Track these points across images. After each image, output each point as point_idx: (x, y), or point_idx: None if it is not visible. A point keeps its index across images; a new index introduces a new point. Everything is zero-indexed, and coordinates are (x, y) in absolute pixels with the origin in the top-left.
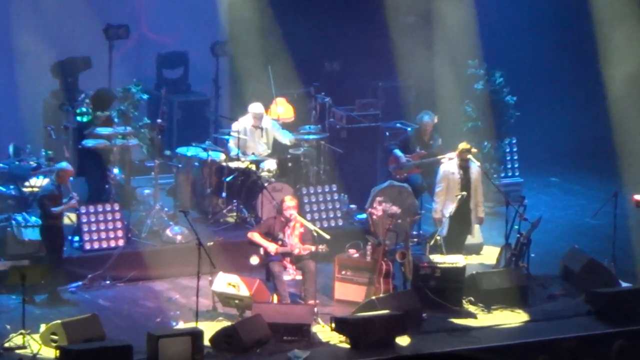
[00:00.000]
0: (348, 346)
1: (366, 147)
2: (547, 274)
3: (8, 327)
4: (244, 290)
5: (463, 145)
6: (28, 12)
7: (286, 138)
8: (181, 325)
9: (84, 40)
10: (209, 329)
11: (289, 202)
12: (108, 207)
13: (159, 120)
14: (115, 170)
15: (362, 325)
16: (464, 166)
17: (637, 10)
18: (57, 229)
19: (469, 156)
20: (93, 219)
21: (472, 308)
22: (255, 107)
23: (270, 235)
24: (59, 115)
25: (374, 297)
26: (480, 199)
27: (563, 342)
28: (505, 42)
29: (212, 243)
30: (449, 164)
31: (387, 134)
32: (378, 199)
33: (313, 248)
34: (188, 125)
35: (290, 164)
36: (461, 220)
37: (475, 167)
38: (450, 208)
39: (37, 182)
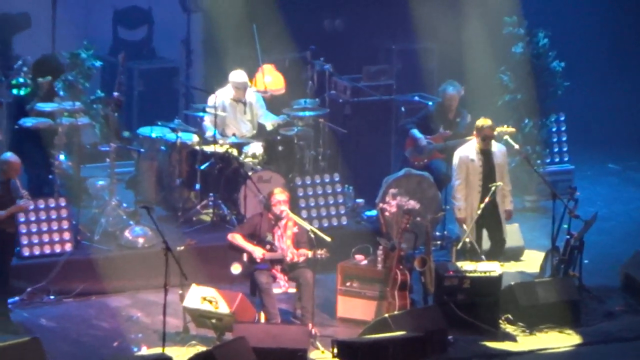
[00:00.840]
0: None
1: (376, 127)
2: (604, 284)
3: None
4: (223, 307)
5: (483, 121)
6: None
7: (268, 120)
8: (144, 351)
9: None
10: (180, 355)
11: (280, 195)
12: (52, 203)
13: (115, 94)
14: (61, 157)
15: (372, 350)
16: (486, 149)
17: None
18: (5, 237)
19: (498, 133)
20: (33, 218)
21: (510, 328)
22: (237, 76)
23: (256, 238)
24: None
25: (386, 315)
26: (508, 188)
27: None
28: None
29: (182, 248)
30: (466, 148)
31: (403, 109)
32: (392, 191)
33: (310, 253)
34: (152, 99)
35: (280, 148)
36: (490, 218)
37: (500, 149)
38: (477, 205)
39: None
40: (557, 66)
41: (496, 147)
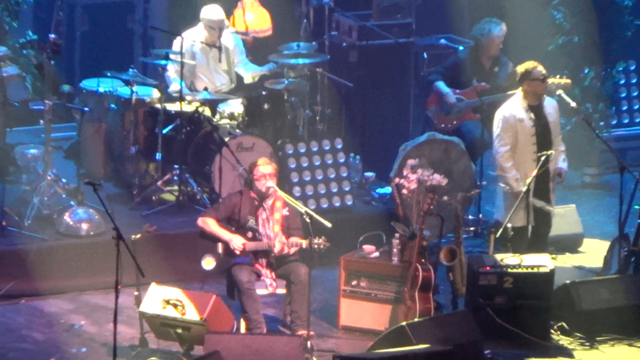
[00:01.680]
0: None
1: (391, 79)
2: None
3: None
4: (191, 313)
5: (531, 65)
6: None
7: (248, 71)
8: None
9: None
10: None
11: (265, 168)
12: None
13: (52, 36)
14: None
15: None
16: (536, 105)
17: None
18: None
19: (549, 85)
20: None
21: (565, 340)
22: (211, 13)
23: (235, 223)
24: None
25: (404, 323)
26: (561, 149)
27: None
28: None
29: (139, 236)
30: (510, 106)
31: (425, 56)
32: (410, 162)
33: (304, 243)
34: (100, 43)
35: (266, 107)
36: (539, 194)
37: (550, 103)
38: (525, 177)
39: None
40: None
41: (546, 101)
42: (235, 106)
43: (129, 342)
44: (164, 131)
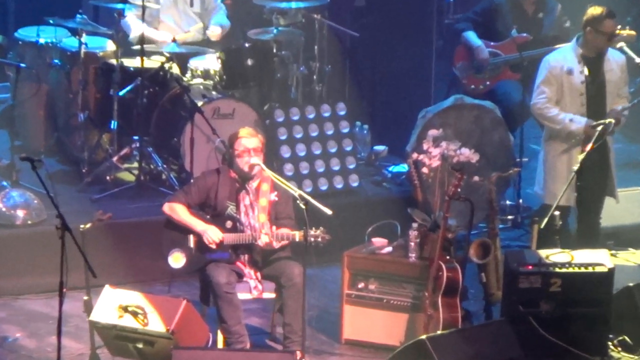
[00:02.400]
0: None
1: (407, 27)
2: None
3: None
4: (154, 323)
5: (604, 12)
6: None
7: (216, 23)
8: None
9: None
10: None
11: (248, 140)
12: None
13: None
14: None
15: None
16: (593, 57)
17: None
18: None
19: (620, 35)
20: None
21: (627, 358)
22: None
23: (210, 210)
24: None
25: (424, 337)
26: (627, 105)
27: None
28: None
29: (89, 225)
30: (560, 52)
31: None
32: (433, 133)
33: (297, 235)
34: None
35: (250, 62)
36: (597, 173)
37: (616, 58)
38: (575, 152)
39: None
40: None
41: (609, 54)
42: (210, 62)
43: (74, 358)
44: (121, 93)
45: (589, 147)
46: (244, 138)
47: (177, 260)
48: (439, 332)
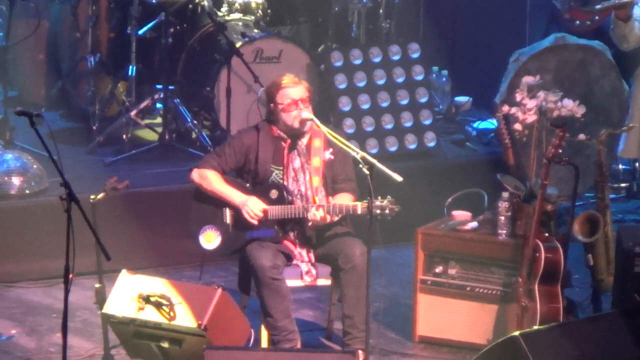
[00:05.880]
0: None
1: None
2: None
3: None
4: (183, 317)
5: None
6: None
7: None
8: None
9: None
10: None
11: (294, 90)
12: None
13: None
14: None
15: None
16: None
17: None
18: None
19: None
20: None
21: None
22: None
23: (250, 177)
24: None
25: (517, 333)
26: None
27: None
28: None
29: (101, 196)
30: None
31: None
32: (528, 80)
33: (359, 207)
34: None
35: None
36: None
37: None
38: None
39: None
40: None
41: None
42: None
43: (85, 359)
44: (141, 32)
45: None
46: (287, 87)
47: (209, 239)
48: (535, 327)
